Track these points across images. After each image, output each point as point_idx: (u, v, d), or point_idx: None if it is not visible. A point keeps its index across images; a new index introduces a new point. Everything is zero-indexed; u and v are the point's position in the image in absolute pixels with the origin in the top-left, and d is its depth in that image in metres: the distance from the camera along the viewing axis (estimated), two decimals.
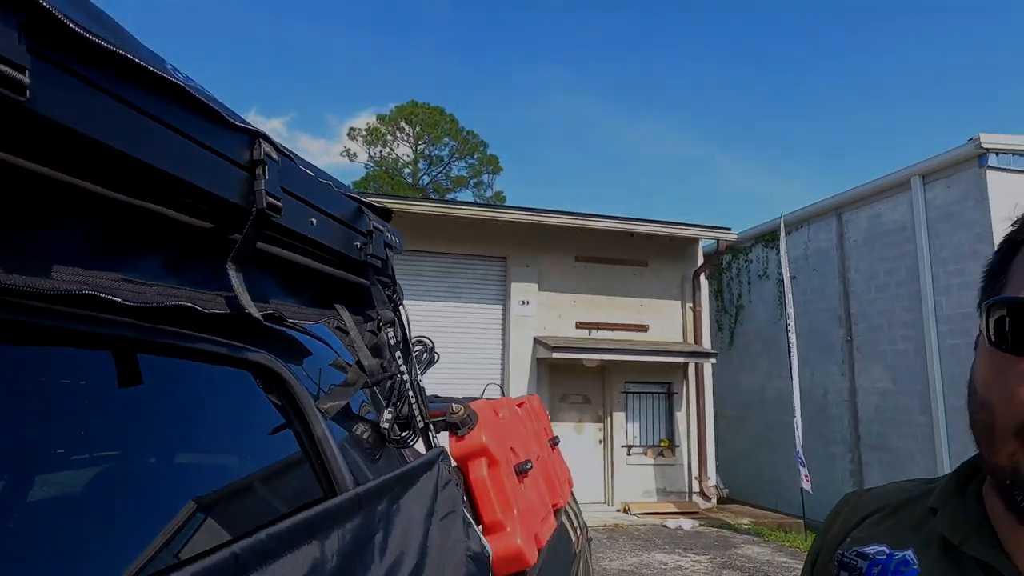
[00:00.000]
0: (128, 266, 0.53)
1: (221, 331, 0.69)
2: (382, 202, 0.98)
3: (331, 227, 0.80)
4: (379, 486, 0.68)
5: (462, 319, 8.87)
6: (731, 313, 11.27)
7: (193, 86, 0.60)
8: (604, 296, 9.47)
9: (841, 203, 9.30)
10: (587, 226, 8.98)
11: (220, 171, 0.59)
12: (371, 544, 0.63)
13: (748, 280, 10.98)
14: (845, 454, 9.07)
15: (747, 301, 11.00)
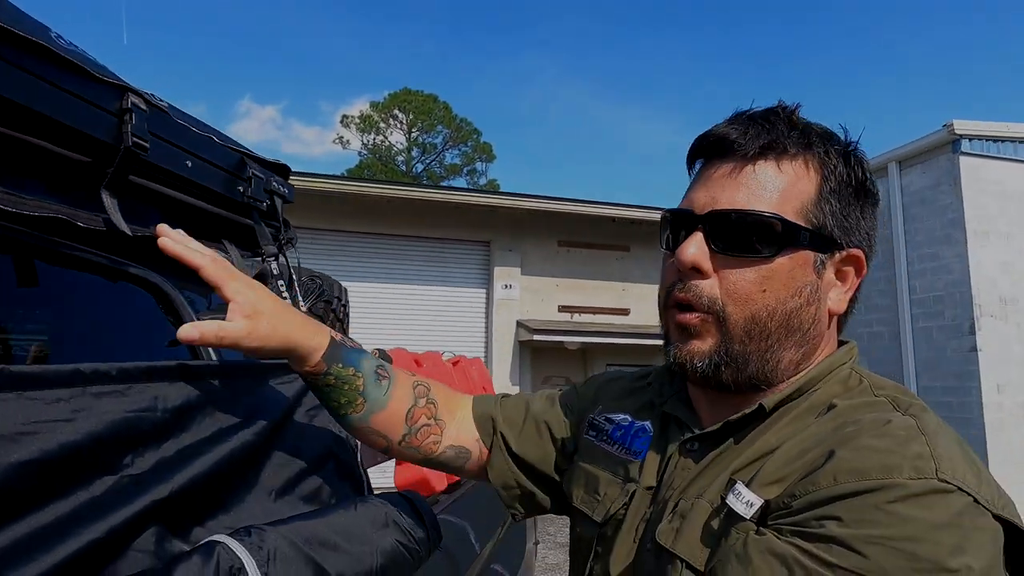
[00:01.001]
0: (12, 184, 0.71)
1: (112, 250, 0.87)
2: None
3: (209, 170, 0.98)
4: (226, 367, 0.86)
5: (447, 302, 9.06)
6: None
7: (71, 50, 0.77)
8: (587, 280, 9.65)
9: None
10: (569, 211, 9.15)
11: (92, 116, 0.77)
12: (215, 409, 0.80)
13: None
14: None
15: None
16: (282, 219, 1.18)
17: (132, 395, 0.65)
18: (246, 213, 1.09)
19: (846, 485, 0.57)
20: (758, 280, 0.69)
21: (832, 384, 0.72)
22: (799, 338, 0.71)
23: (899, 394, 0.68)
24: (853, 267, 0.74)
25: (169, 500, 0.64)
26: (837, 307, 0.73)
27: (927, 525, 0.53)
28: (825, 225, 0.70)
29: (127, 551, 0.59)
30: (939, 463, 0.57)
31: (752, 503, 0.63)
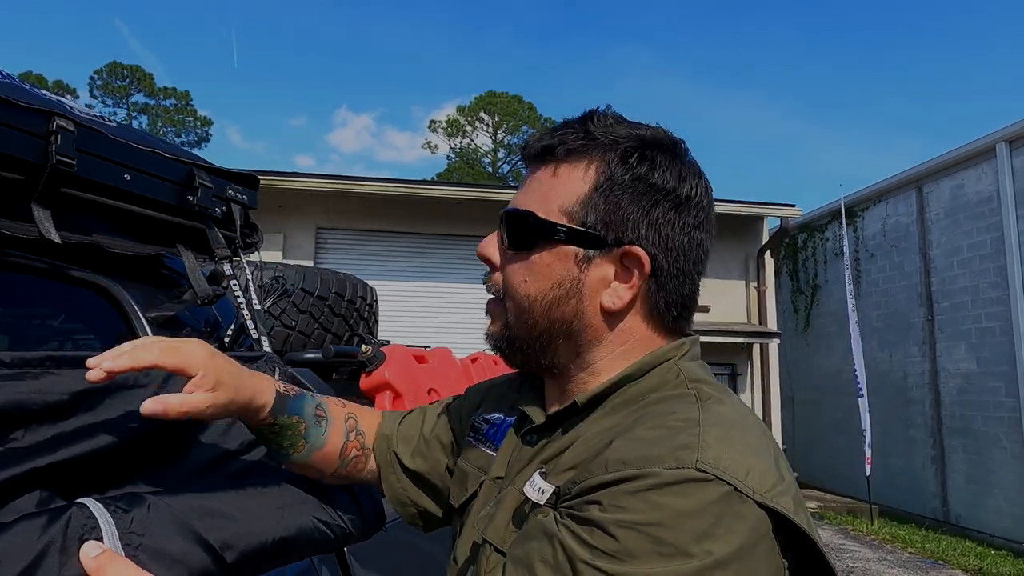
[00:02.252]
0: None
1: (58, 257, 0.99)
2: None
3: (151, 182, 1.08)
4: None
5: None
6: (806, 293, 10.90)
7: (3, 81, 0.89)
8: None
9: (921, 175, 8.79)
10: None
11: (18, 140, 0.88)
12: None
13: (824, 259, 10.57)
14: (926, 439, 8.63)
15: (823, 281, 10.61)
16: (240, 224, 1.27)
17: (27, 379, 0.74)
18: (200, 219, 1.19)
19: (612, 473, 0.60)
20: (521, 271, 0.76)
21: (652, 379, 0.74)
22: (564, 328, 0.75)
23: (708, 388, 0.70)
24: (636, 266, 0.73)
25: (55, 469, 0.72)
26: (612, 303, 0.74)
27: (674, 512, 0.56)
28: (587, 222, 0.73)
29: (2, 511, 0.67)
30: (702, 453, 0.59)
31: (544, 490, 0.67)
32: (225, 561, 0.78)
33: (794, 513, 0.59)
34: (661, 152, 0.75)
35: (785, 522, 0.60)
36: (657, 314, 0.76)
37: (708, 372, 0.77)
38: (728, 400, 0.69)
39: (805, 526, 0.60)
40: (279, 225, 8.38)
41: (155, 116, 29.78)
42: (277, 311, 2.23)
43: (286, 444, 0.89)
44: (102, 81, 29.35)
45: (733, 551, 0.56)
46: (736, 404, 0.70)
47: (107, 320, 1.06)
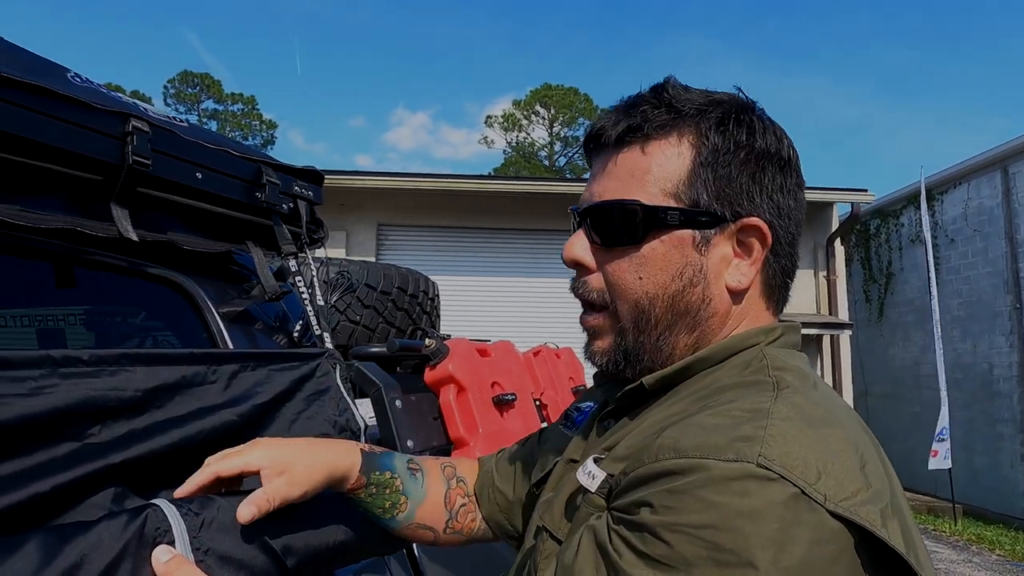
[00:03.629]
0: (30, 204, 0.86)
1: (136, 255, 1.02)
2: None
3: (222, 180, 1.11)
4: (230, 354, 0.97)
5: (561, 293, 9.06)
6: (880, 282, 10.41)
7: (82, 87, 0.92)
8: None
9: (1006, 154, 8.24)
10: None
11: (97, 142, 0.91)
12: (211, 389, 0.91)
13: (899, 245, 10.07)
14: (1014, 435, 8.12)
15: (898, 268, 10.11)
16: (306, 220, 1.29)
17: (103, 376, 0.77)
18: (268, 216, 1.21)
19: (662, 463, 0.54)
20: (632, 268, 0.69)
21: (734, 365, 0.68)
22: (689, 321, 0.69)
23: (791, 376, 0.63)
24: (755, 238, 0.69)
25: (129, 466, 0.74)
26: (738, 282, 0.69)
27: (733, 513, 0.49)
28: (699, 201, 0.68)
29: (80, 505, 0.70)
30: (766, 447, 0.51)
31: (595, 475, 0.63)
32: (286, 565, 0.79)
33: (880, 526, 0.51)
34: (752, 114, 0.71)
35: (872, 538, 0.51)
36: (771, 287, 0.72)
37: (802, 362, 0.69)
38: (812, 393, 0.61)
39: (896, 543, 0.51)
40: (341, 223, 8.57)
41: (224, 121, 30.98)
42: (343, 306, 2.27)
43: (388, 505, 0.87)
44: (175, 89, 30.71)
45: (797, 563, 0.48)
46: (823, 399, 0.62)
47: (182, 315, 1.09)
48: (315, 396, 1.09)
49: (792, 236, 0.72)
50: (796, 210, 0.72)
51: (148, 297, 1.08)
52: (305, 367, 1.11)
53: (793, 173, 0.72)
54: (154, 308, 1.09)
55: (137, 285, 1.06)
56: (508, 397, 1.94)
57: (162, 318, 1.10)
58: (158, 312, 1.09)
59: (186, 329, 1.08)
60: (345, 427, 1.12)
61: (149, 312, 1.09)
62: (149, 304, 1.09)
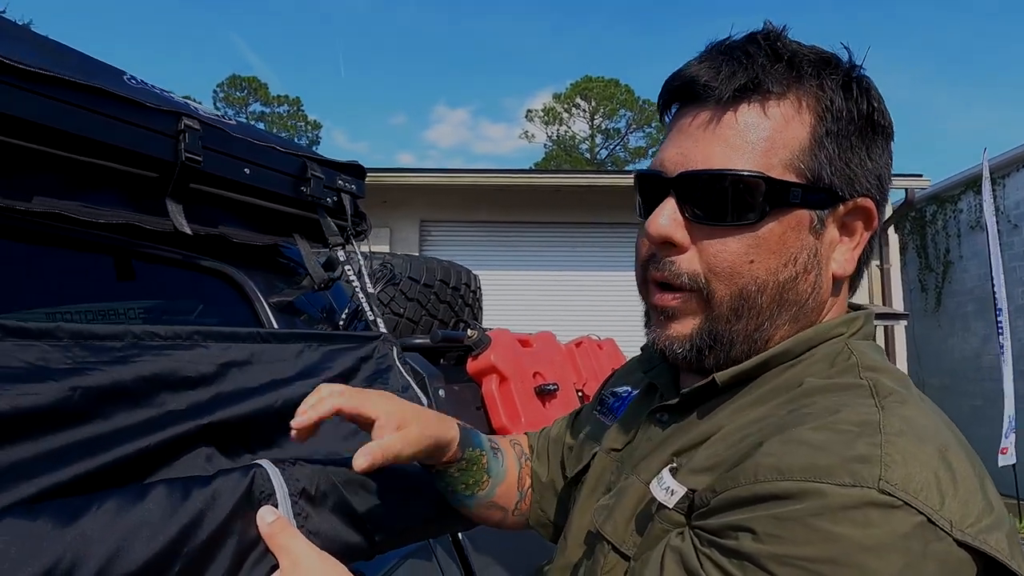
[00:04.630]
0: (88, 199, 0.91)
1: (189, 248, 1.07)
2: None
3: (269, 175, 1.14)
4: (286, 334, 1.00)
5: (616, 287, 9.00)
6: (937, 271, 10.03)
7: (136, 87, 0.96)
8: None
9: None
10: None
11: (152, 139, 0.95)
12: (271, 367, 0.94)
13: (957, 232, 9.68)
14: None
15: (956, 256, 9.72)
16: (351, 213, 1.32)
17: (180, 350, 0.80)
18: (313, 209, 1.24)
19: (764, 485, 0.48)
20: (744, 251, 0.59)
21: (816, 361, 0.62)
22: (795, 311, 0.62)
23: (888, 379, 0.57)
24: (861, 219, 0.63)
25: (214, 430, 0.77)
26: (843, 269, 0.64)
27: (855, 547, 0.44)
28: (822, 176, 0.60)
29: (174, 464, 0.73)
30: (886, 470, 0.46)
31: (674, 491, 0.56)
32: (374, 539, 0.81)
33: (1009, 556, 0.46)
34: (868, 79, 0.63)
35: (996, 567, 0.47)
36: (859, 274, 0.67)
37: (884, 357, 0.63)
38: (914, 400, 0.56)
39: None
40: (385, 219, 8.69)
41: (270, 123, 31.72)
42: (386, 299, 2.31)
43: (471, 482, 0.85)
44: (223, 93, 31.58)
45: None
46: (926, 407, 0.56)
47: (233, 306, 1.13)
48: (377, 375, 1.12)
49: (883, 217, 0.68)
50: (889, 190, 0.67)
51: (201, 289, 1.12)
52: (365, 348, 1.14)
53: (891, 148, 0.66)
54: (207, 299, 1.13)
55: (191, 278, 1.10)
56: (550, 387, 1.94)
57: (215, 309, 1.14)
58: (211, 303, 1.14)
59: (237, 319, 1.12)
60: (414, 399, 1.14)
61: (202, 303, 1.13)
62: (202, 296, 1.13)
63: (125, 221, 0.94)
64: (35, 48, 0.84)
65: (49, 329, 0.66)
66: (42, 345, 0.65)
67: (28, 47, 0.83)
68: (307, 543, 0.66)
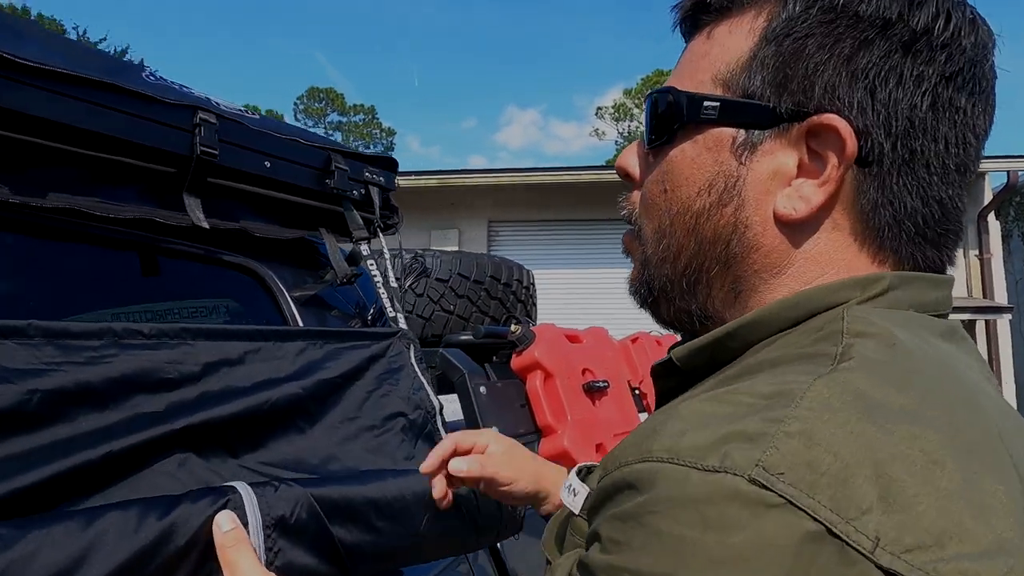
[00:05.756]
0: (107, 195, 0.92)
1: (211, 243, 1.07)
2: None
3: (291, 167, 1.13)
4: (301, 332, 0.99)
5: None
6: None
7: (153, 83, 0.97)
8: None
9: None
10: None
11: (170, 135, 0.95)
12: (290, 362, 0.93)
13: None
14: None
15: None
16: (380, 206, 1.30)
17: (163, 349, 0.80)
18: (338, 202, 1.23)
19: (622, 471, 0.37)
20: (659, 178, 0.54)
21: (800, 332, 0.45)
22: (720, 252, 0.51)
23: (873, 344, 0.40)
24: (831, 146, 0.47)
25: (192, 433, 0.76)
26: (791, 209, 0.48)
27: (699, 559, 0.31)
28: (753, 87, 0.48)
29: (145, 470, 0.71)
30: (771, 451, 0.33)
31: (576, 491, 0.49)
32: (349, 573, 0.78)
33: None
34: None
35: None
36: (875, 231, 0.48)
37: (915, 328, 0.45)
38: (892, 368, 0.39)
39: None
40: (452, 221, 8.79)
41: (347, 131, 32.79)
42: (436, 295, 2.29)
43: None
44: (303, 105, 32.89)
45: None
46: (920, 379, 0.39)
47: (257, 300, 1.13)
48: (387, 375, 1.09)
49: (920, 154, 0.47)
50: (936, 115, 0.47)
51: (225, 283, 1.12)
52: (376, 346, 1.11)
53: (939, 53, 0.46)
54: (230, 294, 1.14)
55: (214, 272, 1.10)
56: (599, 384, 1.87)
57: (239, 303, 1.14)
58: (234, 297, 1.14)
59: (261, 313, 1.12)
60: (419, 406, 1.11)
61: (225, 297, 1.14)
62: (226, 290, 1.13)
63: (143, 216, 0.95)
64: (47, 46, 0.86)
65: (19, 327, 0.66)
66: (9, 344, 0.65)
67: (38, 45, 0.84)
68: (257, 562, 0.64)
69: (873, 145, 0.46)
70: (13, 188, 0.82)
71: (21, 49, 0.79)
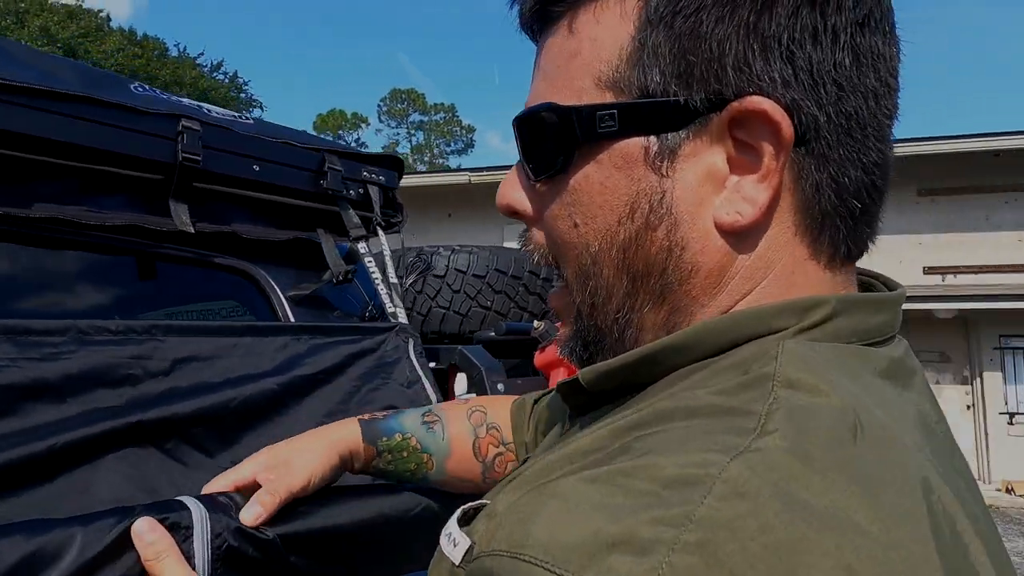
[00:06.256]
0: (93, 203, 0.97)
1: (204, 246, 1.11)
2: None
3: (282, 171, 1.15)
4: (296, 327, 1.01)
5: None
6: None
7: (140, 95, 1.01)
8: (962, 233, 7.86)
9: None
10: (932, 150, 7.55)
11: (152, 144, 0.99)
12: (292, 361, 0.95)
13: None
14: None
15: None
16: (379, 204, 1.30)
17: (129, 345, 0.83)
18: (334, 202, 1.24)
19: (491, 557, 0.34)
20: (564, 212, 0.46)
21: (726, 368, 0.39)
22: (654, 284, 0.44)
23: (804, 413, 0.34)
24: (765, 136, 0.40)
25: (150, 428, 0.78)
26: (735, 215, 0.41)
27: None
28: (652, 83, 0.41)
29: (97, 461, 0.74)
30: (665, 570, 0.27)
31: (457, 542, 0.40)
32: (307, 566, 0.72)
33: None
34: None
35: None
36: (815, 219, 0.42)
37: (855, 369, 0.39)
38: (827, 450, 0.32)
39: None
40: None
41: (428, 130, 33.51)
42: (473, 291, 2.29)
43: (412, 467, 0.81)
44: (386, 107, 33.89)
45: None
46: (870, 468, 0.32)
47: (252, 301, 1.16)
48: (379, 369, 1.10)
49: (852, 116, 0.41)
50: (858, 68, 0.41)
51: (219, 286, 1.16)
52: (368, 341, 1.12)
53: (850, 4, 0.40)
54: (226, 296, 1.17)
55: (208, 275, 1.14)
56: None
57: (237, 304, 1.17)
58: (231, 299, 1.18)
59: (256, 314, 1.15)
60: (414, 400, 1.11)
61: (221, 300, 1.17)
62: (221, 292, 1.17)
63: (129, 223, 0.99)
64: (32, 65, 0.91)
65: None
66: None
67: (22, 65, 0.89)
68: (188, 571, 0.60)
69: (806, 120, 0.40)
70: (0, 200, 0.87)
71: (2, 68, 0.84)
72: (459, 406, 0.88)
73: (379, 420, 0.82)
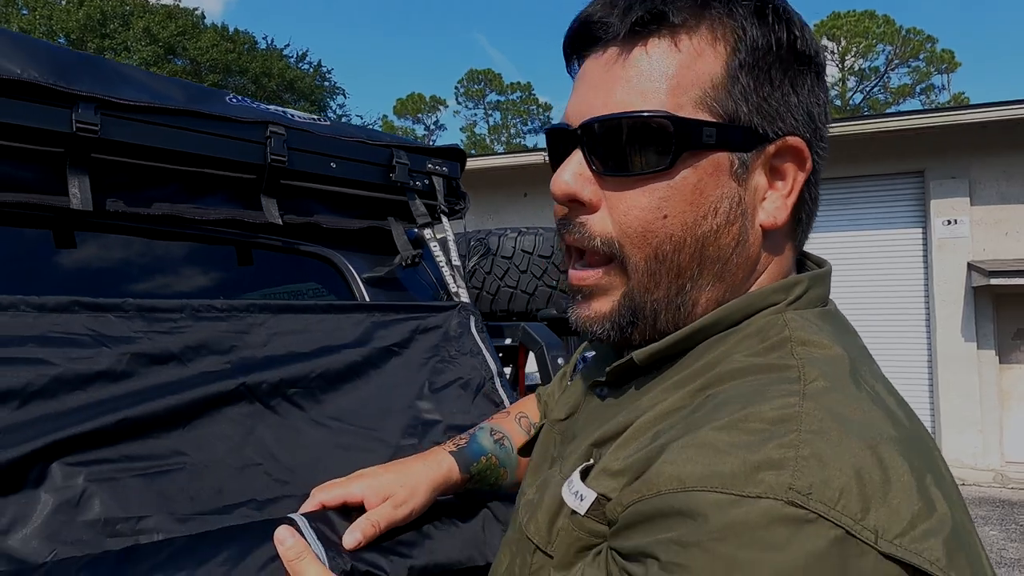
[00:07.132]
0: (199, 202, 1.13)
1: (293, 237, 1.26)
2: None
3: (355, 167, 1.29)
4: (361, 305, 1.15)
5: (868, 248, 7.96)
6: None
7: (236, 106, 1.16)
8: None
9: None
10: None
11: (245, 148, 1.15)
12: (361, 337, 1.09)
13: None
14: None
15: None
16: (443, 193, 1.43)
17: (232, 321, 0.98)
18: (403, 193, 1.37)
19: (666, 499, 0.43)
20: (655, 204, 0.54)
21: (747, 336, 0.55)
22: (718, 270, 0.56)
23: (822, 356, 0.50)
24: (792, 162, 0.57)
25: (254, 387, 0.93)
26: (773, 219, 0.57)
27: (767, 574, 0.39)
28: (739, 114, 0.54)
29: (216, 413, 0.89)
30: (796, 476, 0.40)
31: (583, 496, 0.52)
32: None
33: (947, 566, 0.40)
34: (786, 3, 0.58)
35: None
36: (799, 225, 0.61)
37: (833, 327, 0.56)
38: (847, 385, 0.48)
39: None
40: None
41: (504, 110, 33.58)
42: (539, 272, 2.40)
43: (494, 480, 0.91)
44: (463, 88, 34.19)
45: None
46: (863, 394, 0.48)
47: (333, 284, 1.31)
48: (445, 342, 1.23)
49: (824, 160, 0.60)
50: (826, 127, 0.60)
51: (306, 270, 1.32)
52: (434, 317, 1.25)
53: (825, 81, 0.61)
54: (311, 279, 1.33)
55: (295, 261, 1.30)
56: None
57: (316, 285, 1.33)
58: (315, 282, 1.33)
59: (336, 295, 1.30)
60: (476, 368, 1.23)
61: (304, 281, 1.33)
62: (307, 276, 1.33)
63: (228, 217, 1.15)
64: (145, 86, 1.07)
65: (117, 304, 0.87)
66: (109, 317, 0.85)
67: (138, 87, 1.05)
68: (324, 569, 0.66)
69: (815, 155, 0.58)
70: (127, 202, 1.05)
71: (121, 91, 1.01)
72: (508, 416, 0.99)
73: (464, 447, 0.89)
